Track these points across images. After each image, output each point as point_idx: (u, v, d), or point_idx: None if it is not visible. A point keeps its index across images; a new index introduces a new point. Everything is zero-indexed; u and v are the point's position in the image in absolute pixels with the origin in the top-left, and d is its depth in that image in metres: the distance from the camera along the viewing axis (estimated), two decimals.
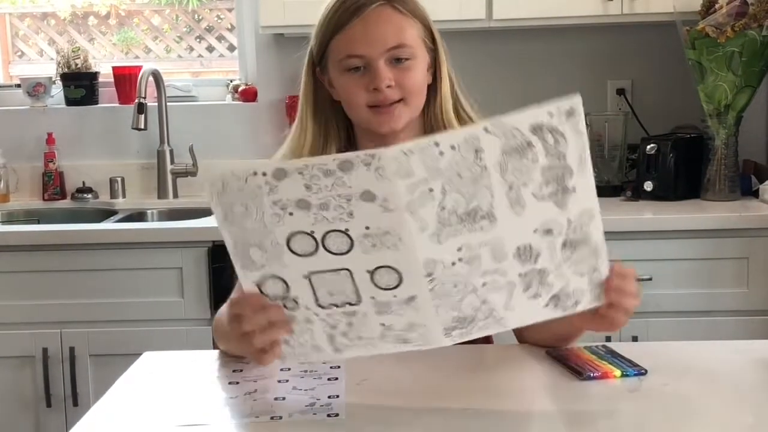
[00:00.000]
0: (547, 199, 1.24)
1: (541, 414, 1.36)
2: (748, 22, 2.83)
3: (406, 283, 1.26)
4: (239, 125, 3.42)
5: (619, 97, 3.32)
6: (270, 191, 1.22)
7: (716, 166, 2.96)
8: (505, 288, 1.29)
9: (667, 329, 2.70)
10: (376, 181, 1.19)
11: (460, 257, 1.25)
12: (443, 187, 1.20)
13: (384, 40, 1.62)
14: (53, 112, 3.48)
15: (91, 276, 2.79)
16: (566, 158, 1.23)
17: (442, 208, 1.22)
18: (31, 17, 3.76)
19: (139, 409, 1.41)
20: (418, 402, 1.38)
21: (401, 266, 1.25)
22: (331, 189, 1.20)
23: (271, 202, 1.23)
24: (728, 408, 1.35)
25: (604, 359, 1.50)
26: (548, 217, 1.26)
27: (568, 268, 1.30)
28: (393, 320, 1.30)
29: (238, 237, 1.28)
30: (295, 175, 1.20)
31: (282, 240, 1.26)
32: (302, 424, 1.31)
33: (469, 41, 3.24)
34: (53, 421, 2.82)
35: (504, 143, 1.20)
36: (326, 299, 1.30)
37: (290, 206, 1.23)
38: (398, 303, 1.28)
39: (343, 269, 1.27)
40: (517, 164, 1.21)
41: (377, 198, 1.19)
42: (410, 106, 1.66)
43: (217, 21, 3.74)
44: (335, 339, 1.34)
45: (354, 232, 1.23)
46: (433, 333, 1.31)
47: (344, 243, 1.24)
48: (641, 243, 2.74)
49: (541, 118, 1.21)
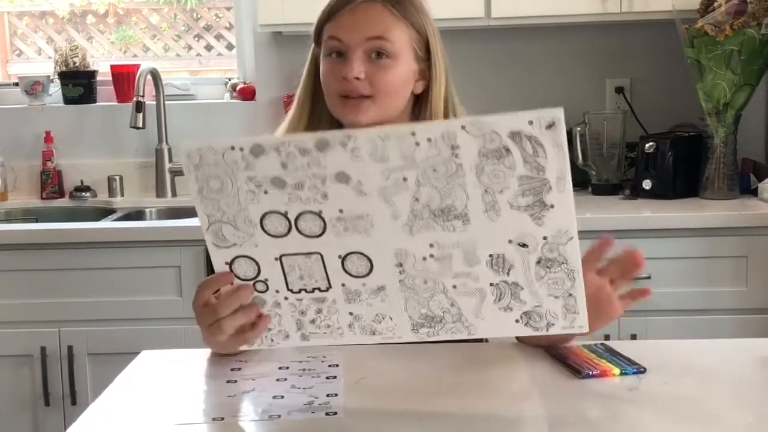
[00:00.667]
0: (523, 210, 1.24)
1: (539, 412, 1.36)
2: (747, 20, 2.83)
3: (376, 271, 1.29)
4: (238, 124, 3.42)
5: (617, 96, 3.32)
6: (246, 167, 1.23)
7: (715, 164, 2.96)
8: (475, 294, 1.31)
9: (666, 327, 2.70)
10: (351, 162, 1.20)
11: (432, 253, 1.27)
12: (418, 179, 1.22)
13: (366, 30, 1.65)
14: (51, 111, 3.48)
15: (89, 275, 2.79)
16: (545, 171, 1.22)
17: (416, 200, 1.23)
18: (30, 16, 3.75)
19: (137, 408, 1.41)
20: (417, 400, 1.37)
21: (372, 253, 1.27)
22: (307, 168, 1.21)
23: (247, 177, 1.24)
24: (727, 406, 1.35)
25: (602, 357, 1.50)
26: (524, 230, 1.26)
27: (541, 287, 1.30)
28: (362, 310, 1.33)
29: (212, 213, 1.29)
30: (272, 152, 1.22)
31: (256, 219, 1.27)
32: (300, 423, 1.31)
33: (468, 40, 3.24)
34: (51, 420, 2.82)
35: (481, 145, 1.20)
36: (297, 283, 1.32)
37: (265, 183, 1.24)
38: (368, 292, 1.31)
39: (314, 253, 1.29)
40: (493, 168, 1.21)
41: (351, 180, 1.21)
42: (379, 105, 1.67)
43: (216, 20, 3.74)
44: (303, 326, 1.37)
45: (327, 214, 1.24)
46: (401, 327, 1.35)
47: (317, 226, 1.26)
48: (640, 241, 2.73)
49: (520, 125, 1.20)
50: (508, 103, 3.29)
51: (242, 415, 1.35)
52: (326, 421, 1.31)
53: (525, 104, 3.39)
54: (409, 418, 1.32)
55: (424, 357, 1.57)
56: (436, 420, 1.31)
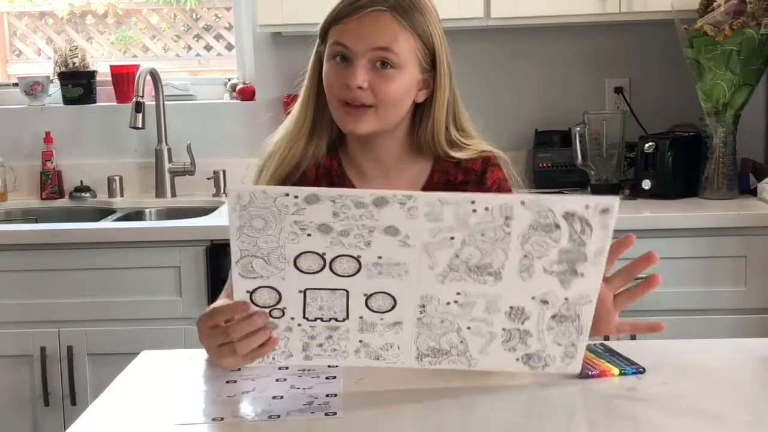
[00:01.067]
0: (555, 275, 1.31)
1: (539, 412, 1.36)
2: (746, 20, 2.83)
3: (397, 309, 1.32)
4: (237, 124, 3.42)
5: (617, 96, 3.32)
6: (296, 212, 1.25)
7: (714, 164, 2.96)
8: (486, 336, 1.36)
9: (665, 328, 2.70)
10: (405, 220, 1.24)
11: (457, 300, 1.32)
12: (464, 239, 1.27)
13: (372, 39, 1.63)
14: (51, 111, 3.48)
15: (89, 275, 2.79)
16: (585, 246, 1.29)
17: (456, 256, 1.28)
18: (29, 16, 3.75)
19: (137, 408, 1.41)
20: (416, 400, 1.37)
21: (398, 294, 1.31)
22: (358, 219, 1.24)
23: (293, 221, 1.25)
24: (726, 406, 1.35)
25: (602, 358, 1.50)
26: (549, 290, 1.32)
27: (548, 336, 1.37)
28: (372, 339, 1.36)
29: (248, 249, 1.30)
30: (327, 202, 1.24)
31: (291, 257, 1.29)
32: (300, 423, 1.31)
33: (467, 40, 3.24)
34: (51, 420, 2.82)
35: (534, 219, 1.26)
36: (314, 313, 1.34)
37: (310, 228, 1.26)
38: (383, 325, 1.35)
39: (341, 289, 1.31)
40: (539, 239, 1.27)
41: (400, 233, 1.25)
42: (380, 115, 1.67)
43: (215, 20, 3.74)
44: (309, 348, 1.38)
45: (365, 260, 1.27)
46: (406, 355, 1.38)
47: (352, 267, 1.28)
48: (639, 241, 2.71)
49: (576, 207, 1.26)
50: (507, 103, 3.29)
51: (242, 415, 1.35)
52: (326, 421, 1.31)
53: (524, 104, 3.41)
54: (409, 418, 1.32)
55: None
56: (435, 420, 1.31)
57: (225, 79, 3.60)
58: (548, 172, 3.21)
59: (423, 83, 1.70)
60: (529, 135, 3.27)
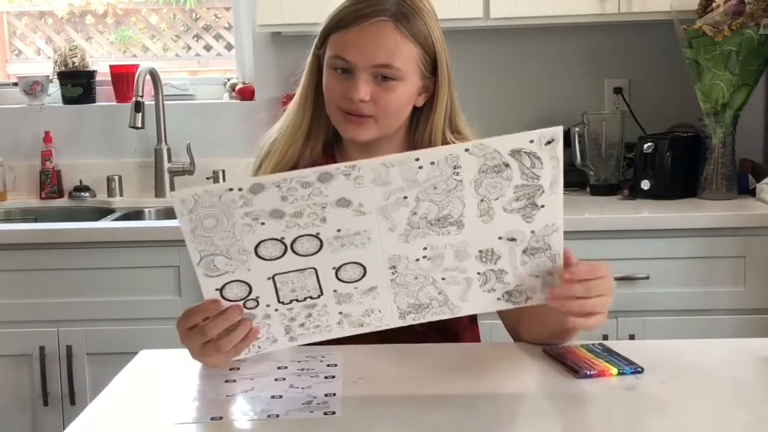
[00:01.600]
0: (515, 212, 1.32)
1: (537, 412, 1.36)
2: (746, 20, 2.83)
3: (369, 275, 1.33)
4: (236, 124, 3.42)
5: (616, 96, 3.32)
6: (244, 204, 1.25)
7: (713, 164, 2.96)
8: (462, 283, 1.38)
9: (663, 327, 2.71)
10: (354, 189, 1.24)
11: (425, 255, 1.34)
12: (417, 196, 1.28)
13: (373, 56, 1.63)
14: (50, 111, 3.48)
15: (88, 274, 2.79)
16: (540, 179, 1.31)
17: (414, 213, 1.29)
18: (29, 16, 3.76)
19: (136, 408, 1.41)
20: (415, 400, 1.38)
21: (366, 261, 1.32)
22: (307, 198, 1.24)
23: (243, 213, 1.26)
24: (725, 406, 1.35)
25: (600, 357, 1.50)
26: (514, 228, 1.34)
27: (524, 270, 1.38)
28: (352, 308, 1.37)
29: (205, 248, 1.31)
30: (273, 188, 1.24)
31: (250, 248, 1.29)
32: (299, 422, 1.31)
33: (467, 40, 3.24)
34: (50, 420, 2.82)
35: (482, 163, 1.27)
36: (288, 296, 1.35)
37: (263, 216, 1.26)
38: (359, 293, 1.36)
39: (308, 268, 1.32)
40: (491, 181, 1.29)
41: (352, 204, 1.25)
42: (381, 124, 1.67)
43: (215, 20, 3.74)
44: (292, 330, 1.40)
45: (325, 235, 1.28)
46: (389, 316, 1.39)
47: (313, 245, 1.29)
48: (638, 242, 2.74)
49: (522, 143, 1.28)
50: (507, 103, 3.29)
51: (241, 415, 1.36)
52: (324, 420, 1.31)
53: (523, 105, 3.40)
54: (408, 418, 1.32)
55: (423, 356, 1.57)
56: (434, 419, 1.31)
57: (224, 78, 3.60)
58: None
59: (423, 88, 1.70)
60: None
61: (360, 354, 1.57)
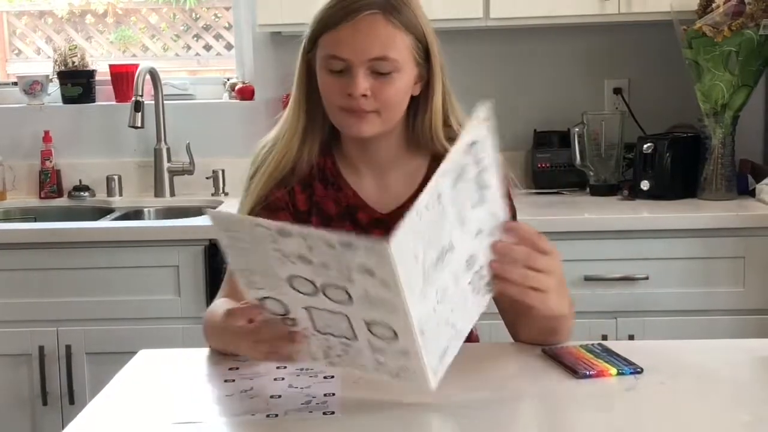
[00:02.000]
0: (477, 205, 1.31)
1: (536, 413, 1.36)
2: (745, 21, 2.83)
3: (401, 340, 1.27)
4: (236, 124, 3.42)
5: (616, 96, 3.32)
6: (273, 241, 1.23)
7: (713, 165, 2.96)
8: (461, 302, 1.34)
9: (663, 328, 2.71)
10: (377, 264, 1.18)
11: (437, 300, 1.28)
12: (423, 248, 1.23)
13: (368, 50, 1.62)
14: (50, 110, 3.48)
15: (87, 274, 2.79)
16: (483, 160, 1.30)
17: (424, 267, 1.24)
18: (29, 15, 3.75)
19: (135, 407, 1.41)
20: (414, 400, 1.37)
21: (396, 327, 1.25)
22: (332, 257, 1.20)
23: (274, 248, 1.23)
24: (724, 406, 1.35)
25: (600, 357, 1.50)
26: (479, 219, 1.32)
27: (490, 255, 1.36)
28: (387, 360, 1.32)
29: (242, 263, 1.29)
30: (299, 237, 1.21)
31: (284, 276, 1.26)
32: (298, 422, 1.31)
33: (467, 40, 3.24)
34: (49, 419, 2.82)
35: (453, 177, 1.26)
36: (324, 328, 1.31)
37: (292, 257, 1.23)
38: (392, 352, 1.29)
39: (340, 313, 1.27)
40: (460, 187, 1.27)
41: (376, 275, 1.19)
42: (383, 118, 1.66)
43: (215, 19, 3.74)
44: (330, 355, 1.36)
45: (353, 293, 1.23)
46: (421, 379, 1.32)
47: (343, 297, 1.24)
48: (638, 242, 2.74)
49: (469, 136, 1.27)
50: (507, 103, 3.29)
51: (240, 415, 1.35)
52: (323, 420, 1.31)
53: (523, 105, 3.40)
54: (407, 418, 1.32)
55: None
56: (433, 419, 1.31)
57: (224, 78, 3.60)
58: (547, 172, 3.21)
59: (418, 76, 1.69)
60: (528, 135, 3.28)
61: None
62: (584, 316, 2.70)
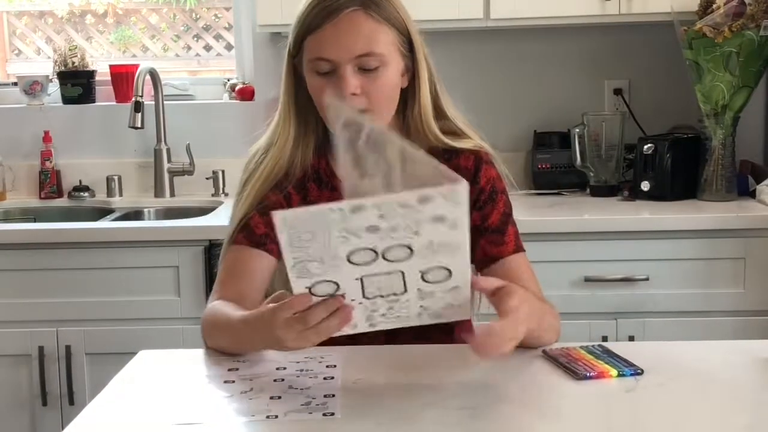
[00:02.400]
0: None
1: (537, 414, 1.36)
2: (746, 22, 2.83)
3: (454, 277, 1.35)
4: (236, 124, 3.41)
5: (616, 97, 3.32)
6: (342, 220, 1.26)
7: (713, 166, 2.96)
8: None
9: (663, 329, 2.71)
10: (452, 207, 1.25)
11: None
12: None
13: (353, 47, 1.62)
14: (50, 111, 3.48)
15: (87, 274, 2.79)
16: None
17: None
18: (29, 15, 3.75)
19: (135, 408, 1.41)
20: (413, 401, 1.37)
21: (453, 266, 1.33)
22: (404, 216, 1.25)
23: (341, 228, 1.26)
24: (724, 408, 1.35)
25: (600, 359, 1.50)
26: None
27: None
28: (432, 303, 1.38)
29: (299, 257, 1.31)
30: (373, 209, 1.25)
31: (343, 254, 1.29)
32: (298, 424, 1.31)
33: (467, 41, 3.23)
34: (49, 420, 2.82)
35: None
36: (373, 293, 1.35)
37: (359, 231, 1.27)
38: (442, 292, 1.37)
39: (396, 271, 1.32)
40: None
41: (447, 220, 1.26)
42: (377, 114, 1.66)
43: (215, 20, 3.74)
44: (373, 318, 1.40)
45: (416, 246, 1.29)
46: (464, 309, 1.41)
47: (404, 253, 1.30)
48: (638, 243, 2.74)
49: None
50: (507, 104, 3.29)
51: (239, 416, 1.35)
52: (323, 421, 1.31)
53: (524, 105, 3.40)
54: (406, 419, 1.32)
55: (421, 358, 1.57)
56: (432, 421, 1.31)
57: (224, 79, 3.60)
58: (547, 173, 3.21)
59: (405, 68, 1.70)
60: (528, 136, 3.27)
61: (358, 355, 1.57)
62: (584, 317, 2.71)
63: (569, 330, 2.68)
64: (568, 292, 2.71)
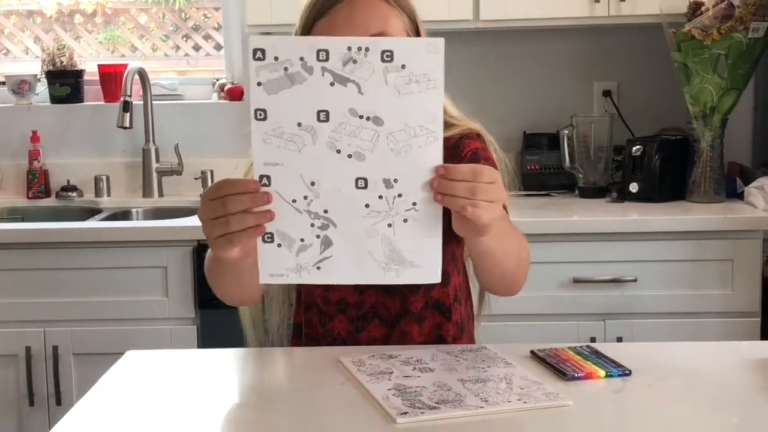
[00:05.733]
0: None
1: (525, 414, 1.36)
2: (734, 24, 2.84)
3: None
4: (225, 124, 3.41)
5: (605, 99, 3.33)
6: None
7: (701, 168, 2.97)
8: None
9: (651, 330, 2.71)
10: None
11: None
12: None
13: (367, 26, 1.61)
14: (38, 110, 3.47)
15: (75, 275, 2.78)
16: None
17: None
18: (17, 15, 3.74)
19: (122, 408, 1.40)
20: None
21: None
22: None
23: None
24: (712, 408, 1.35)
25: (588, 360, 1.50)
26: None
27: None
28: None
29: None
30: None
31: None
32: (289, 422, 1.30)
33: (456, 42, 3.23)
34: (36, 420, 2.81)
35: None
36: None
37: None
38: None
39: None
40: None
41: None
42: None
43: (204, 20, 3.73)
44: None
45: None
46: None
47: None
48: (626, 244, 2.74)
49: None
50: (496, 105, 3.29)
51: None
52: (314, 416, 1.30)
53: (512, 107, 3.40)
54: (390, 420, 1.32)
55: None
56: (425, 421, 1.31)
57: (213, 79, 3.59)
58: (536, 174, 3.22)
59: None
60: (517, 137, 3.28)
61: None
62: (573, 318, 2.71)
63: (557, 331, 2.70)
64: (556, 293, 2.72)
